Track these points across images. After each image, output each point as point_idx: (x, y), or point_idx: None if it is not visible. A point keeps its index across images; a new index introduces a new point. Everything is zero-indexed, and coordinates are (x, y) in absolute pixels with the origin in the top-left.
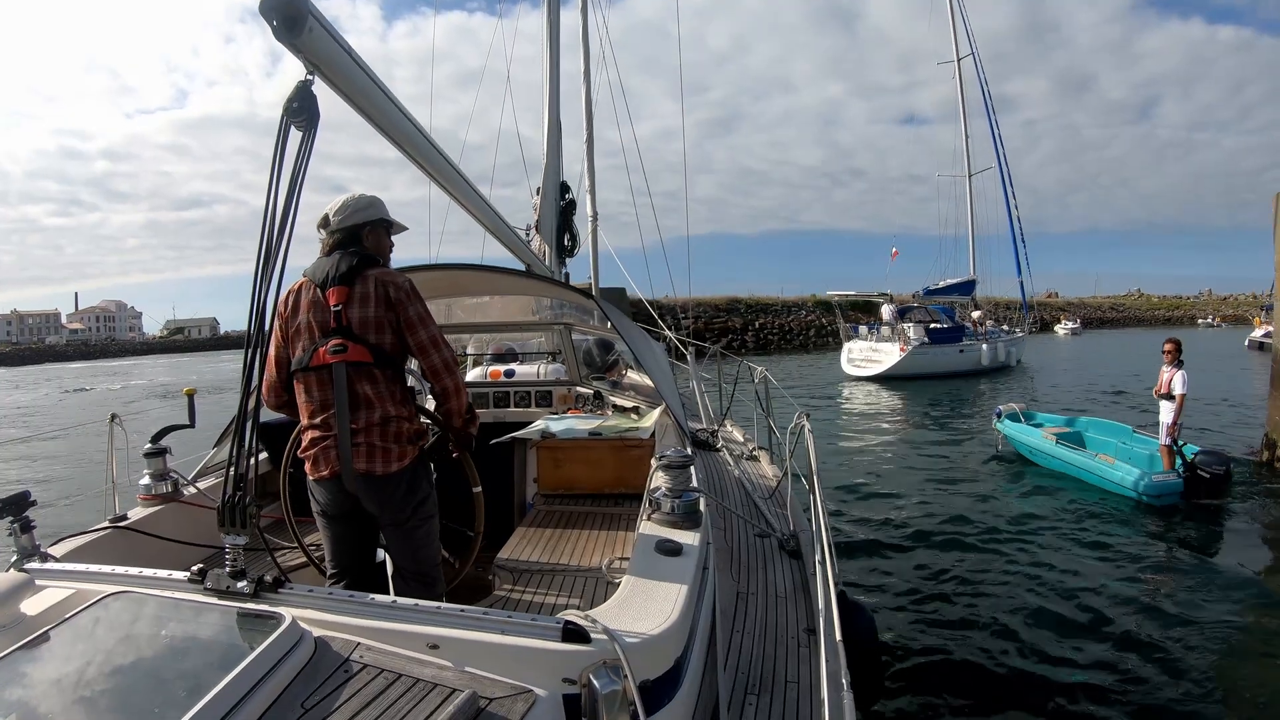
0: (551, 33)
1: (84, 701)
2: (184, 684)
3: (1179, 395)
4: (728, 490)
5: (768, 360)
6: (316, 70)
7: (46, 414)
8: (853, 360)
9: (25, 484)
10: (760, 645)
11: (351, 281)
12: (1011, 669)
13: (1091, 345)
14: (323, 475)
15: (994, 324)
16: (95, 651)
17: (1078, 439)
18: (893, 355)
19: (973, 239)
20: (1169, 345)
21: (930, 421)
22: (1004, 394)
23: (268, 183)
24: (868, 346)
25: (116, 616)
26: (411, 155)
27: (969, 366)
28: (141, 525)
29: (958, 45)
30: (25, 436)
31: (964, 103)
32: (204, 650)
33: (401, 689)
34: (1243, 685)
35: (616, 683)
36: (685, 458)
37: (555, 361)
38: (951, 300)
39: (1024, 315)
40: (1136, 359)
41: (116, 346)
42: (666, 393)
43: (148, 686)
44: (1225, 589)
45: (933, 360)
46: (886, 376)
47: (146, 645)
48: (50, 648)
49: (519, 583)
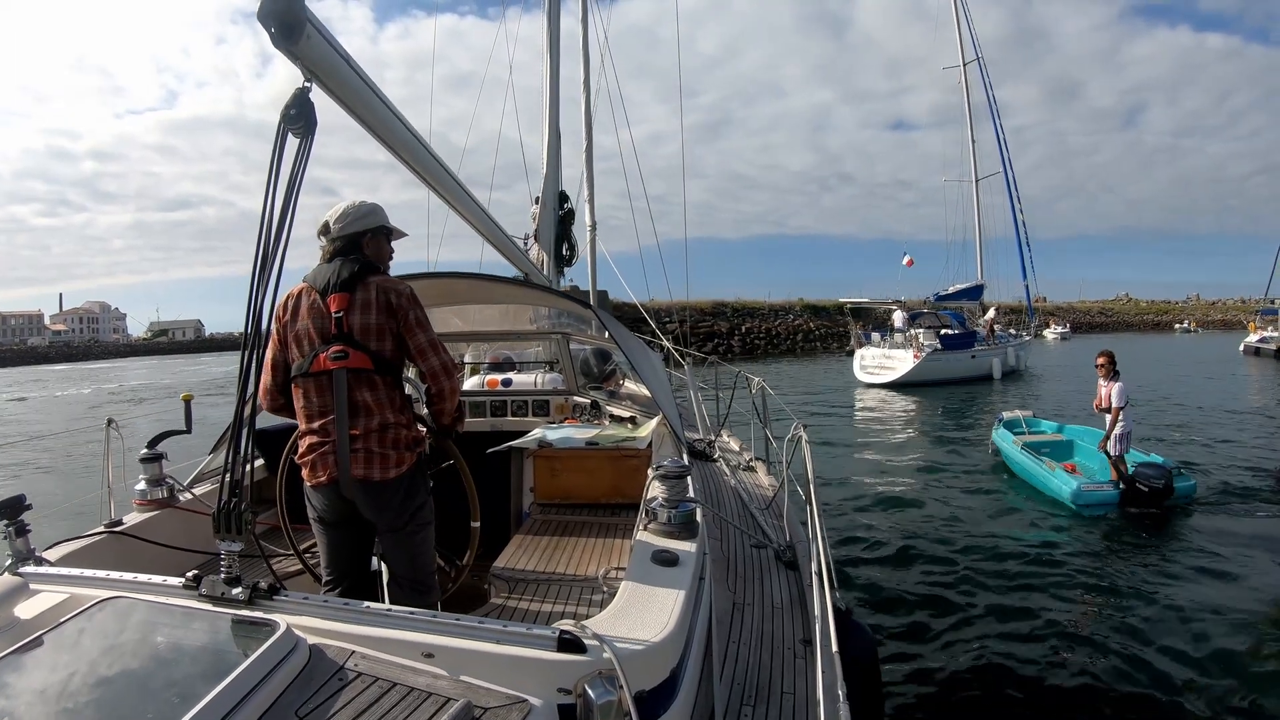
0: (551, 41)
1: (76, 707)
2: (177, 690)
3: (1115, 408)
4: (724, 500)
5: (757, 366)
6: (314, 77)
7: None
8: (865, 367)
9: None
10: (756, 656)
11: (353, 288)
12: (1009, 681)
13: (1082, 349)
14: (320, 481)
15: (1001, 328)
16: (89, 657)
17: (1066, 447)
18: (906, 362)
19: (980, 244)
20: (1102, 359)
21: (938, 429)
22: (1013, 401)
23: (265, 189)
24: (880, 353)
25: (110, 622)
26: (408, 162)
27: (981, 372)
28: (137, 530)
29: (963, 51)
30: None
31: (970, 108)
32: (198, 657)
33: (396, 698)
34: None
35: (612, 693)
36: (682, 468)
37: (552, 371)
38: (960, 305)
39: (1030, 320)
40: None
41: (100, 348)
42: (663, 402)
43: (141, 692)
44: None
45: (946, 366)
46: (900, 384)
47: (140, 651)
48: (44, 652)
49: (515, 592)
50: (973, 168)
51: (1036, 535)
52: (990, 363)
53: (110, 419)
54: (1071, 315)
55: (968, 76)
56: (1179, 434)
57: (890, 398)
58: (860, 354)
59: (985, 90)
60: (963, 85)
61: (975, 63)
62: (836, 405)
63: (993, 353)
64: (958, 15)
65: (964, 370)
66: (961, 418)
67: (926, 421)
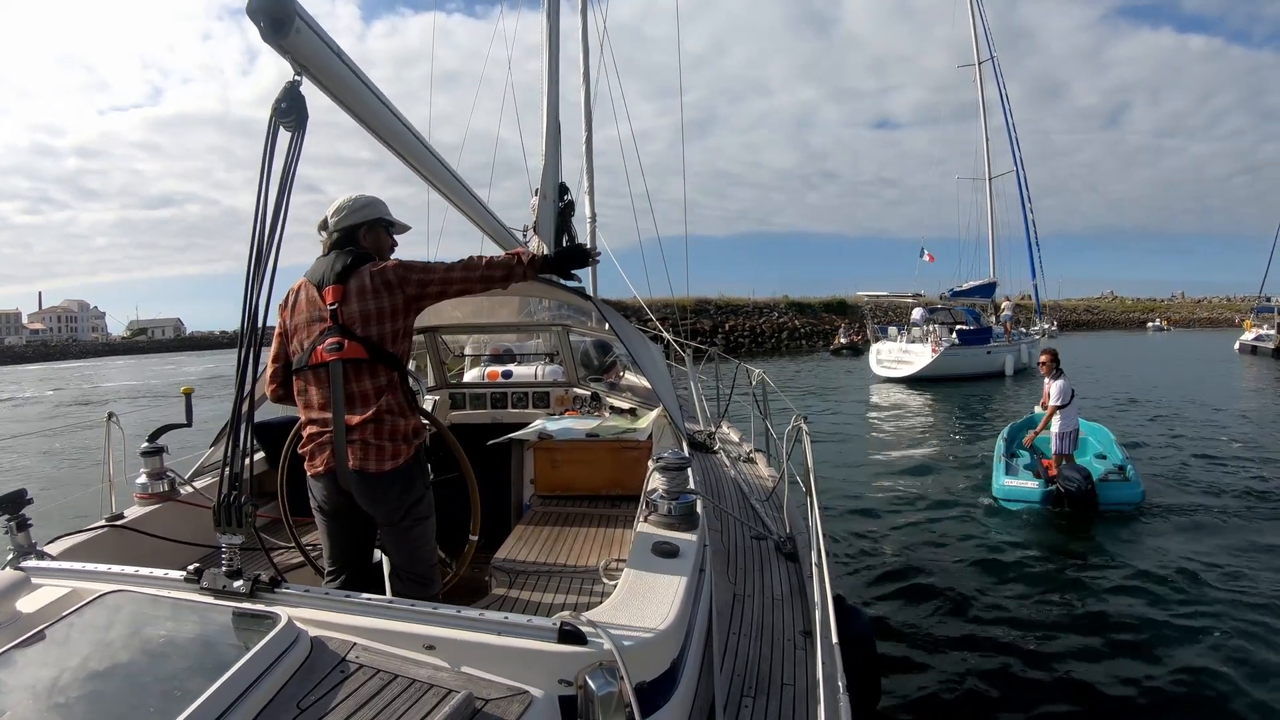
0: (551, 33)
1: (79, 700)
2: (179, 683)
3: (1052, 406)
4: (724, 492)
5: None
6: (304, 71)
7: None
8: (882, 362)
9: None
10: (756, 647)
11: (346, 279)
12: (1009, 673)
13: (1069, 347)
14: (319, 470)
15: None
16: (90, 650)
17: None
18: (924, 356)
19: (993, 240)
20: (1045, 356)
21: (953, 425)
22: (1027, 398)
23: (258, 183)
24: (898, 348)
25: (112, 615)
26: (403, 155)
27: (994, 369)
28: (138, 524)
29: (978, 49)
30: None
31: (984, 106)
32: (199, 649)
33: (397, 689)
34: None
35: (613, 684)
36: (682, 459)
37: (553, 363)
38: (973, 302)
39: (1038, 318)
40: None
41: (78, 348)
42: (663, 394)
43: (143, 686)
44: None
45: (962, 362)
46: (917, 378)
47: (142, 644)
48: (46, 646)
49: (515, 584)
50: (986, 165)
51: (1007, 532)
52: (1004, 359)
53: (110, 413)
54: (1058, 313)
55: (982, 75)
56: (1163, 438)
57: (907, 394)
58: (876, 348)
59: (999, 89)
60: (977, 83)
61: (990, 61)
62: (846, 401)
63: (1007, 349)
64: (973, 13)
65: (979, 366)
66: (977, 413)
67: (942, 417)
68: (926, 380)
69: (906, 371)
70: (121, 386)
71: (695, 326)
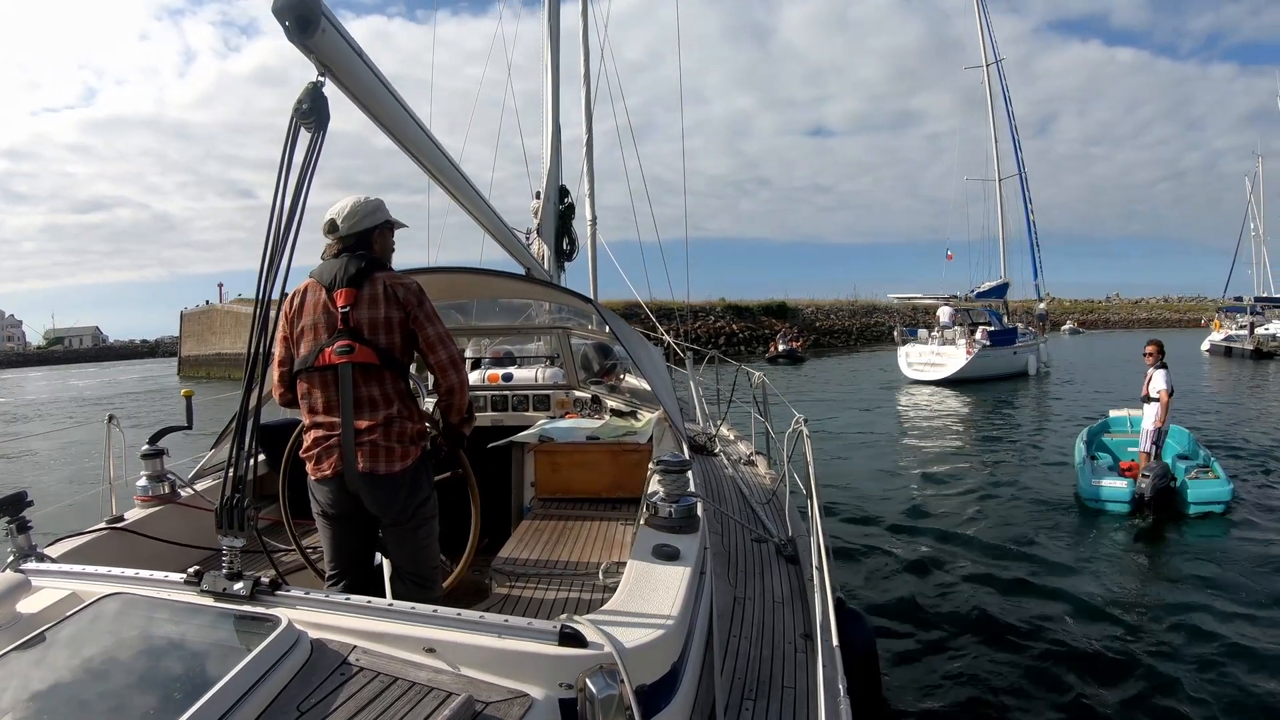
0: (552, 36)
1: (79, 703)
2: (180, 686)
3: (1163, 393)
4: (725, 495)
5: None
6: (328, 71)
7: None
8: (912, 364)
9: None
10: (757, 650)
11: (360, 284)
12: (1011, 678)
13: (1062, 348)
14: (324, 474)
15: (1023, 326)
16: (91, 653)
17: None
18: (958, 358)
19: (1003, 242)
20: (1150, 347)
21: (989, 428)
22: (1066, 396)
23: (275, 183)
24: (929, 350)
25: (113, 618)
26: (418, 158)
27: (1019, 369)
28: (138, 526)
29: (985, 52)
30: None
31: (992, 110)
32: (200, 652)
33: (398, 692)
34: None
35: (613, 687)
36: (682, 462)
37: (553, 365)
38: (989, 303)
39: (1042, 319)
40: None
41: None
42: (664, 397)
43: (143, 688)
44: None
45: (992, 363)
46: (951, 380)
47: (142, 647)
48: (46, 649)
49: (516, 586)
50: (995, 167)
51: (1053, 532)
52: (1026, 359)
53: (110, 415)
54: (1019, 317)
55: (989, 77)
56: None
57: (940, 396)
58: (904, 351)
59: (1003, 92)
60: (985, 86)
61: (995, 65)
62: (881, 404)
63: (1029, 350)
64: (979, 16)
65: (1006, 367)
66: (1005, 414)
67: (976, 419)
68: (961, 382)
69: (940, 374)
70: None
71: None
